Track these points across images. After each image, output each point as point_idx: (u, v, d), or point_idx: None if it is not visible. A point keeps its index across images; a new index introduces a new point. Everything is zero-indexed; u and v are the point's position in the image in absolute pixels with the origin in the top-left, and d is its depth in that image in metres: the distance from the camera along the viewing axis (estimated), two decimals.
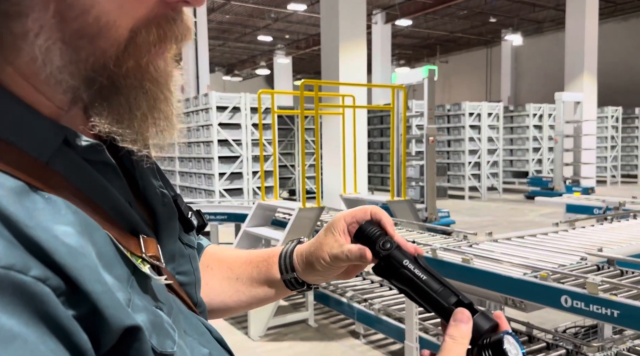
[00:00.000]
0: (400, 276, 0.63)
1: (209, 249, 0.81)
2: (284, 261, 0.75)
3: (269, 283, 0.76)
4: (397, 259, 0.64)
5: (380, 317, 3.71)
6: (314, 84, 4.25)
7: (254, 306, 0.80)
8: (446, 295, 0.60)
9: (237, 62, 28.15)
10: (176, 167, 10.88)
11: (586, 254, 3.16)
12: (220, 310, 0.78)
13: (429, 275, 0.62)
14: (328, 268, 0.70)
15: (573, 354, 3.18)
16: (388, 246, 0.65)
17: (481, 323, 0.57)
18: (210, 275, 0.77)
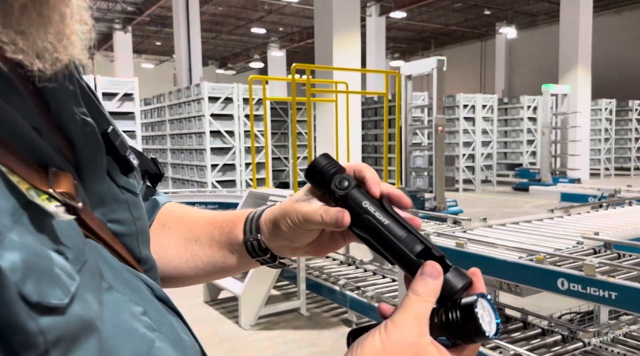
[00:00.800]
0: (359, 221, 0.53)
1: (169, 206, 0.71)
2: (251, 221, 0.64)
3: (230, 247, 0.66)
4: (355, 200, 0.54)
5: (374, 305, 3.64)
6: (306, 68, 4.16)
7: (212, 275, 0.69)
8: (411, 243, 0.50)
9: (231, 56, 27.95)
10: (168, 159, 10.77)
11: (582, 238, 3.10)
12: (175, 277, 0.68)
13: (392, 220, 0.52)
14: (295, 231, 0.58)
15: (569, 340, 3.13)
16: (345, 184, 0.54)
17: (453, 280, 0.48)
18: (167, 235, 0.68)
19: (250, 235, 0.63)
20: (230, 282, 4.25)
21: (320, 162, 0.55)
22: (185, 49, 14.21)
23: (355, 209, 0.53)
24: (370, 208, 0.52)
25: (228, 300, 4.48)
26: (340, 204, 0.53)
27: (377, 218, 0.51)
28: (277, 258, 0.65)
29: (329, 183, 0.54)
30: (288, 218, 0.58)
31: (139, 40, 23.28)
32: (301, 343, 3.63)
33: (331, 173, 0.54)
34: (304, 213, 0.56)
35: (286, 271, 4.68)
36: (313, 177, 0.56)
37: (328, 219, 0.53)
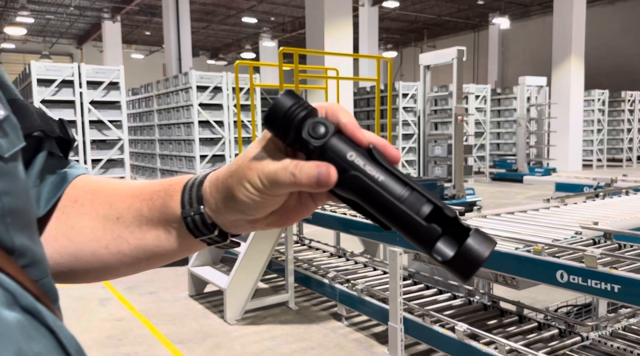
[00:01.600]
0: (345, 179, 0.41)
1: (83, 178, 0.56)
2: (190, 190, 0.49)
3: (165, 225, 0.50)
4: (336, 151, 0.42)
5: (364, 298, 3.50)
6: (294, 52, 3.98)
7: (143, 263, 0.53)
8: (416, 203, 0.40)
9: (222, 46, 27.63)
10: (156, 150, 10.55)
11: (581, 228, 2.98)
12: (94, 268, 0.52)
13: (388, 174, 0.41)
14: (255, 199, 0.44)
15: (566, 334, 3.01)
16: (322, 131, 0.42)
17: (478, 248, 0.38)
18: (79, 213, 0.53)
19: (191, 208, 0.49)
20: (215, 275, 4.10)
21: (284, 103, 0.42)
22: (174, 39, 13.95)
23: (338, 163, 0.41)
24: (357, 160, 0.41)
25: (214, 294, 4.33)
26: (316, 157, 0.42)
27: (369, 173, 0.41)
28: (228, 236, 0.51)
29: (298, 130, 0.41)
30: (247, 182, 0.44)
31: (128, 30, 22.90)
32: (289, 338, 3.49)
33: (301, 117, 0.42)
34: (269, 173, 0.43)
35: (274, 264, 4.53)
36: (276, 123, 0.42)
37: (304, 178, 0.41)
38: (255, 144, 0.45)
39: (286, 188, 0.43)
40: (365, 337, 3.47)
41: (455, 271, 0.39)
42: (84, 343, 0.43)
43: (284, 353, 3.25)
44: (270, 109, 0.42)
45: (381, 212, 0.40)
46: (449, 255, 0.38)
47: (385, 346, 3.26)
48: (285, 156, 0.44)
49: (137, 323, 3.82)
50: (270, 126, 0.43)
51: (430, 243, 0.39)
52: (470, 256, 0.38)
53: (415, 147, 12.19)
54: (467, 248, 0.38)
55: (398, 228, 0.40)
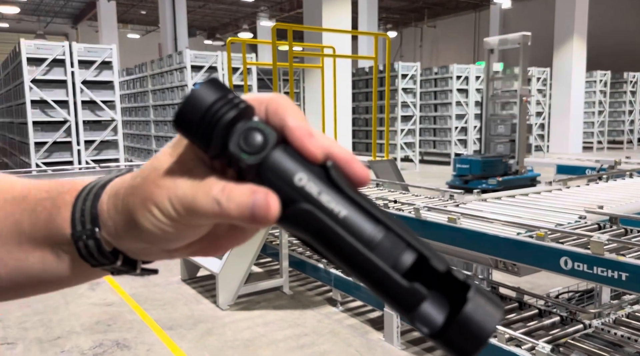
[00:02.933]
0: (293, 213, 0.30)
1: None
2: (83, 204, 0.36)
3: (51, 245, 0.38)
4: (279, 172, 0.30)
5: (359, 284, 3.40)
6: (288, 28, 3.81)
7: (27, 290, 0.41)
8: (392, 250, 0.29)
9: (219, 26, 27.20)
10: (152, 132, 10.39)
11: (586, 212, 2.86)
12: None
13: (353, 206, 0.30)
14: (166, 229, 0.32)
15: (568, 321, 2.92)
16: (258, 141, 0.30)
17: (481, 319, 0.28)
18: None
19: (83, 230, 0.36)
20: (207, 259, 4.00)
21: (204, 97, 0.30)
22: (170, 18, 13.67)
23: (281, 189, 0.30)
24: (309, 186, 0.30)
25: (207, 278, 4.24)
26: (252, 177, 0.30)
27: (326, 206, 0.29)
28: (137, 265, 0.39)
29: (224, 139, 0.30)
30: (153, 206, 0.32)
31: (123, 9, 22.47)
32: (282, 324, 3.40)
33: (228, 120, 0.30)
34: (184, 198, 0.31)
35: (268, 248, 4.43)
36: (192, 127, 0.30)
37: (233, 209, 0.30)
38: (168, 150, 0.33)
39: (208, 218, 0.31)
40: (360, 323, 3.39)
41: (448, 347, 0.29)
42: (72, 329, 0.33)
43: (277, 340, 3.17)
44: (183, 105, 0.30)
45: (342, 260, 0.30)
46: (438, 325, 0.29)
47: (380, 333, 3.17)
48: (210, 170, 0.32)
49: (128, 307, 3.72)
50: (184, 131, 0.30)
51: (412, 307, 0.29)
52: (468, 330, 0.28)
53: (414, 129, 12.02)
54: (465, 318, 0.28)
55: (366, 284, 0.30)
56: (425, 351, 2.98)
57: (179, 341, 3.17)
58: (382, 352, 2.98)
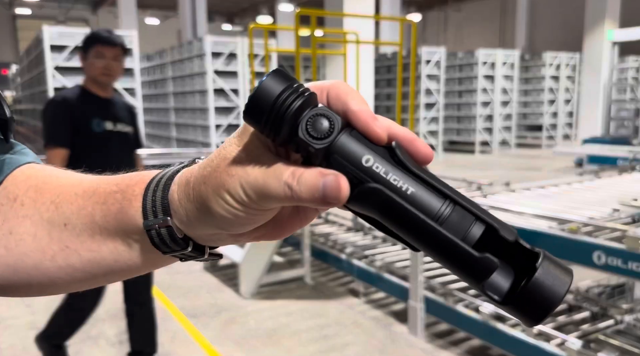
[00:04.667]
0: (361, 193, 0.31)
1: (26, 170, 0.45)
2: (153, 194, 0.38)
3: (123, 236, 0.40)
4: (347, 155, 0.31)
5: (382, 275, 3.36)
6: (311, 14, 3.74)
7: (99, 279, 0.43)
8: (461, 223, 0.30)
9: (238, 11, 27.08)
10: (171, 119, 10.44)
11: (620, 204, 2.75)
12: (38, 282, 0.43)
13: (420, 183, 0.31)
14: (238, 214, 0.34)
15: (599, 316, 2.83)
16: (325, 126, 0.31)
17: (553, 284, 0.29)
18: (18, 216, 0.42)
19: (155, 219, 0.38)
20: (229, 248, 4.00)
21: (271, 89, 0.31)
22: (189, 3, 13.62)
23: (350, 171, 0.31)
24: (377, 166, 0.31)
25: (229, 267, 4.25)
26: (319, 162, 0.32)
27: (394, 184, 0.31)
28: (205, 251, 0.40)
29: (293, 127, 0.32)
30: (225, 193, 0.34)
31: None
32: (305, 314, 3.39)
33: (296, 108, 0.31)
34: (255, 183, 0.33)
35: (290, 238, 4.41)
36: (260, 117, 0.31)
37: (304, 191, 0.32)
38: (235, 140, 0.35)
39: (279, 202, 0.33)
40: (383, 315, 3.34)
41: (517, 314, 0.30)
42: (97, 316, 0.34)
43: (299, 330, 3.15)
44: (252, 97, 0.31)
45: (412, 236, 0.31)
46: (507, 291, 0.30)
47: (404, 325, 3.13)
48: (276, 157, 0.34)
49: None
50: (253, 121, 0.32)
51: (484, 277, 0.30)
52: (539, 295, 0.29)
53: (438, 117, 11.82)
54: (536, 284, 0.29)
55: (436, 257, 0.31)
56: (451, 344, 2.93)
57: (202, 330, 3.18)
58: (406, 345, 2.94)
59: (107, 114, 2.31)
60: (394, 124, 0.33)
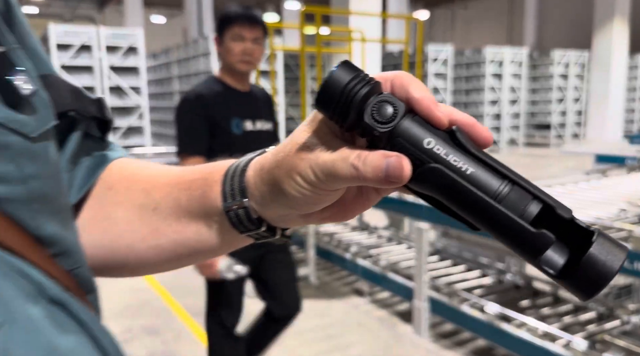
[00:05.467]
0: (423, 173, 0.33)
1: (119, 163, 0.51)
2: (231, 179, 0.44)
3: (205, 217, 0.46)
4: (410, 138, 0.34)
5: (387, 274, 3.34)
6: (316, 12, 3.72)
7: (183, 260, 0.48)
8: (519, 201, 0.32)
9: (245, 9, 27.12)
10: None
11: (626, 204, 2.72)
12: (130, 262, 0.48)
13: (479, 165, 0.33)
14: (308, 194, 0.38)
15: (605, 317, 2.80)
16: (389, 112, 0.34)
17: (607, 259, 0.31)
18: (114, 202, 0.49)
19: (233, 201, 0.43)
20: None
21: (340, 78, 0.34)
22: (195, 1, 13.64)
23: (412, 152, 0.34)
24: (437, 148, 0.34)
25: None
26: (383, 145, 0.35)
27: (453, 164, 0.33)
28: (276, 231, 0.45)
29: (359, 113, 0.34)
30: (297, 175, 0.38)
31: None
32: (309, 314, 3.37)
33: (362, 96, 0.34)
34: (324, 165, 0.36)
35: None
36: (330, 104, 0.35)
37: (370, 171, 0.35)
38: (305, 128, 0.39)
39: (346, 182, 0.36)
40: (388, 315, 3.33)
41: (572, 288, 0.32)
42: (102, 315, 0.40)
43: (304, 329, 3.15)
44: (323, 86, 0.34)
45: (472, 214, 0.33)
46: (562, 266, 0.32)
47: (409, 325, 3.11)
48: (343, 142, 0.37)
49: (156, 294, 3.77)
50: (323, 108, 0.35)
51: (540, 251, 0.32)
52: (594, 269, 0.30)
53: None
54: (591, 259, 0.30)
55: (495, 234, 0.33)
56: (456, 344, 2.91)
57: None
58: (411, 345, 2.92)
59: (246, 112, 1.97)
60: (454, 110, 0.36)
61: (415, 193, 0.36)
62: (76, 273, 0.37)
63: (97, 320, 0.36)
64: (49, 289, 0.33)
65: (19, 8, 0.42)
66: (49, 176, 0.35)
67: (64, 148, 0.47)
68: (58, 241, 0.36)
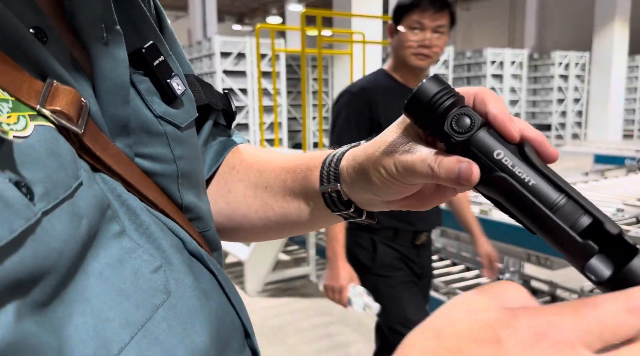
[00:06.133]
0: (490, 179, 0.38)
1: (241, 148, 0.62)
2: (328, 166, 0.52)
3: (305, 197, 0.54)
4: (482, 148, 0.38)
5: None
6: (317, 14, 3.77)
7: (286, 230, 0.58)
8: (572, 214, 0.35)
9: (248, 11, 27.18)
10: None
11: (624, 205, 2.76)
12: (243, 228, 0.59)
13: (541, 178, 0.37)
14: (389, 184, 0.45)
15: None
16: (467, 123, 0.39)
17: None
18: (235, 179, 0.59)
19: (328, 185, 0.51)
20: (235, 246, 4.04)
21: (428, 90, 0.39)
22: (199, 3, 13.70)
23: (482, 161, 0.39)
24: (506, 159, 0.38)
25: (234, 265, 4.29)
26: (459, 152, 0.40)
27: (518, 175, 0.37)
28: (363, 213, 0.52)
29: (441, 121, 0.39)
30: (382, 168, 0.45)
31: None
32: (309, 312, 3.42)
33: (445, 107, 0.39)
34: (406, 163, 0.43)
35: (296, 236, 4.44)
36: (417, 112, 0.40)
37: (443, 172, 0.40)
38: (394, 128, 0.45)
39: (422, 179, 0.42)
40: None
41: None
42: None
43: (304, 328, 3.19)
44: (412, 96, 0.40)
45: (529, 220, 0.37)
46: (606, 275, 0.34)
47: None
48: (425, 144, 0.42)
49: None
50: (410, 115, 0.41)
51: (584, 259, 0.35)
52: (632, 281, 0.32)
53: None
54: (632, 270, 0.33)
55: (548, 239, 0.36)
56: None
57: None
58: None
59: None
60: (528, 126, 0.39)
61: (484, 195, 0.41)
62: (206, 234, 0.47)
63: (222, 271, 0.45)
64: (189, 244, 0.41)
65: (166, 17, 0.51)
66: (192, 157, 0.45)
67: (200, 134, 0.56)
68: (195, 208, 0.45)
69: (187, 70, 0.54)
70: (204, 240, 0.45)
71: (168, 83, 0.42)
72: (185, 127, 0.43)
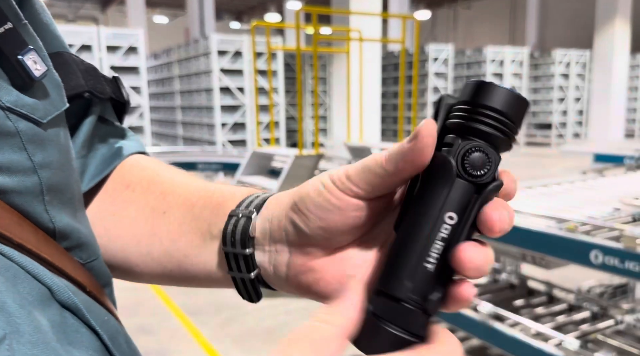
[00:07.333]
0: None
1: (140, 160, 0.48)
2: (234, 227, 0.39)
3: (205, 230, 0.42)
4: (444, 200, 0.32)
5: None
6: (312, 11, 3.73)
7: (164, 279, 0.45)
8: (427, 282, 0.32)
9: (246, 9, 27.14)
10: (178, 118, 10.50)
11: (621, 203, 2.72)
12: (118, 266, 0.45)
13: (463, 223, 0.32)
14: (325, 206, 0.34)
15: (599, 316, 2.80)
16: (484, 163, 0.31)
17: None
18: (126, 200, 0.46)
19: (246, 209, 0.40)
20: None
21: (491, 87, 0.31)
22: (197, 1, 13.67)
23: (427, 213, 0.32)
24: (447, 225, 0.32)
25: None
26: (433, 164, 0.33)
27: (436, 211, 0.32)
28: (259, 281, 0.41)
29: (467, 133, 0.32)
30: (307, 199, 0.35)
31: None
32: (304, 313, 3.39)
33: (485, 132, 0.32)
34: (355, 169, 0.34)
35: None
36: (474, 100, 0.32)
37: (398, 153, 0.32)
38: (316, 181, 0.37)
39: (378, 178, 0.35)
40: None
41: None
42: None
43: None
44: (490, 84, 0.32)
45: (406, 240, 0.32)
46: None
47: None
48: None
49: (152, 293, 3.78)
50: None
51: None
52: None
53: None
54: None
55: (393, 259, 0.32)
56: None
57: (201, 328, 3.20)
58: None
59: None
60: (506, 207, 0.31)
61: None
62: (92, 265, 0.36)
63: (109, 322, 0.34)
64: (60, 293, 0.30)
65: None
66: (61, 164, 0.33)
67: (77, 133, 0.44)
68: (71, 233, 0.34)
69: (58, 46, 0.41)
70: (89, 275, 0.35)
71: (20, 61, 0.30)
72: (49, 123, 0.32)
